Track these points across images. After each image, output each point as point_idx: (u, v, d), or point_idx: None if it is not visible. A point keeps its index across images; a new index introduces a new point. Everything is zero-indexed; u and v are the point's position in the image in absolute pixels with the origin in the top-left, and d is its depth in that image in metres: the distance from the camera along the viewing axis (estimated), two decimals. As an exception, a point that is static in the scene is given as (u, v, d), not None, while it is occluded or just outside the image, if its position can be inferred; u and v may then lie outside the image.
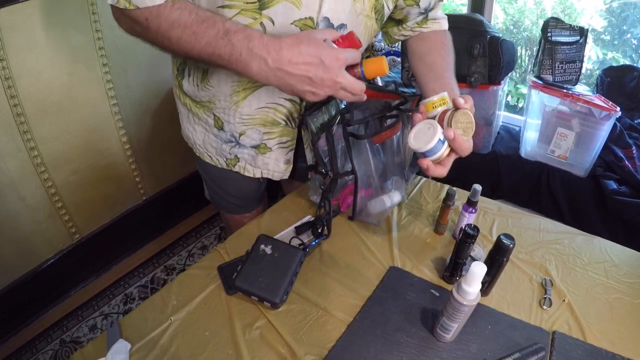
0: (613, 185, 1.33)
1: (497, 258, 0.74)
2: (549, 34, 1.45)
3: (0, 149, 1.29)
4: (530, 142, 1.49)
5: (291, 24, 0.70)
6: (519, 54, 2.13)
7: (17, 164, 1.35)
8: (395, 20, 0.91)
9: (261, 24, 0.69)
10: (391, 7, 0.82)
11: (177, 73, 0.90)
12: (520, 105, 2.07)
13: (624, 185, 1.33)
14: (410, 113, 0.93)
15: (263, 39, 0.60)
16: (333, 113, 0.93)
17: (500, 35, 1.38)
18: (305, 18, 0.70)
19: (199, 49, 0.62)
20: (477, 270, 0.63)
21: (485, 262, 0.77)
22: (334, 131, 0.81)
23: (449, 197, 0.86)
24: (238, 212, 1.09)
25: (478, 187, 0.83)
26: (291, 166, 0.94)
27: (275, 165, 0.93)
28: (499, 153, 1.51)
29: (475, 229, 0.74)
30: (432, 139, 0.64)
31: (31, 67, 1.29)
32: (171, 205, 1.83)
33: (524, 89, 2.04)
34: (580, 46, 1.46)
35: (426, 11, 0.87)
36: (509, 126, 1.72)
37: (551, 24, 1.46)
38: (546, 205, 1.47)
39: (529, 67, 2.10)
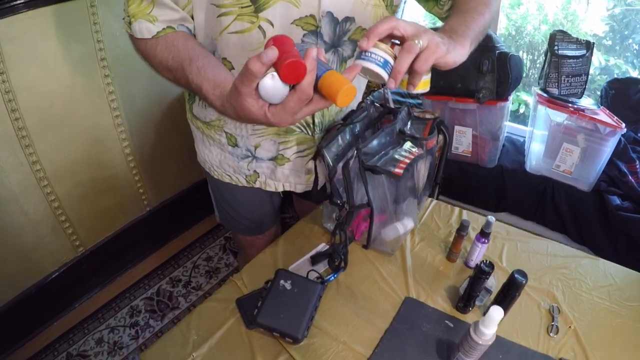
0: (617, 200, 1.35)
1: (509, 293, 0.77)
2: (556, 47, 1.45)
3: (2, 163, 1.27)
4: (535, 156, 1.50)
5: (292, 24, 0.68)
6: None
7: (19, 178, 1.33)
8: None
9: (259, 27, 0.68)
10: None
11: (189, 97, 0.90)
12: (521, 110, 2.08)
13: (627, 201, 1.36)
14: (425, 141, 0.94)
15: (209, 86, 0.62)
16: (348, 137, 0.93)
17: (509, 51, 1.38)
18: (306, 16, 0.68)
19: (183, 86, 0.68)
20: (495, 315, 0.65)
21: (498, 294, 0.80)
22: (350, 166, 0.81)
23: (463, 227, 0.87)
24: (251, 233, 1.09)
25: (492, 219, 0.85)
26: (313, 176, 0.93)
27: (296, 176, 0.93)
28: (505, 167, 1.52)
29: (490, 265, 0.76)
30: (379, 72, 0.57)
31: (32, 79, 1.26)
32: (175, 216, 1.82)
33: (524, 96, 2.05)
34: (586, 59, 1.46)
35: None
36: (513, 137, 1.73)
37: (558, 37, 1.46)
38: (551, 219, 1.50)
39: (531, 72, 2.11)
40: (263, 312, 0.75)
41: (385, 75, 0.57)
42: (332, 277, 0.83)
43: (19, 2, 1.15)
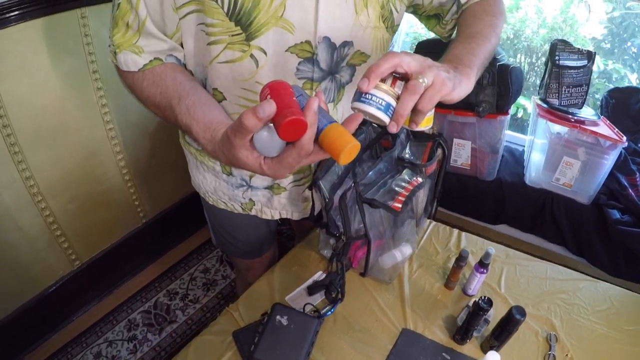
0: (616, 214, 1.34)
1: (507, 328, 0.76)
2: (557, 58, 1.42)
3: (-5, 180, 1.25)
4: (535, 168, 1.49)
5: (286, 51, 0.65)
6: (518, 61, 2.11)
7: (12, 194, 1.31)
8: (435, 17, 0.81)
9: (251, 56, 0.65)
10: (401, 8, 0.73)
11: None
12: (519, 115, 2.06)
13: (627, 214, 1.35)
14: (424, 168, 0.92)
15: (199, 128, 0.58)
16: (342, 168, 0.91)
17: (509, 62, 1.35)
18: (302, 43, 0.65)
19: (172, 124, 0.64)
20: (492, 360, 0.65)
21: (496, 328, 0.79)
22: (348, 198, 0.79)
23: (461, 258, 0.87)
24: (248, 257, 1.08)
25: (491, 250, 0.84)
26: (310, 203, 0.91)
27: (293, 205, 0.91)
28: (504, 180, 1.51)
29: (489, 302, 0.75)
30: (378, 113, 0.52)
31: (23, 94, 1.23)
32: (172, 227, 1.80)
33: (522, 100, 2.02)
34: (587, 70, 1.44)
35: None
36: (512, 147, 1.71)
37: (559, 47, 1.43)
38: (549, 231, 1.49)
39: (529, 75, 2.08)
40: (260, 349, 0.74)
41: (386, 119, 0.52)
42: (330, 312, 0.82)
43: (10, 15, 1.12)
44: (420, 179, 0.88)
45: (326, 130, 0.47)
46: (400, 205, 0.79)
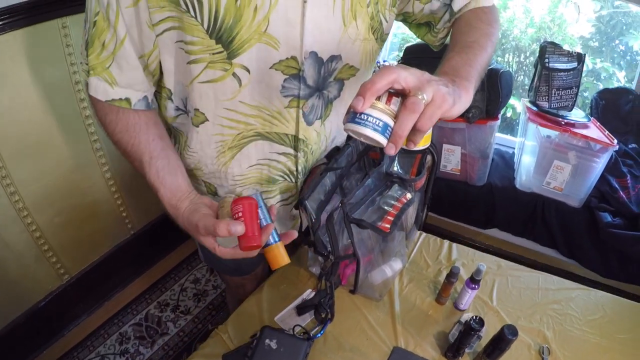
0: (607, 217, 1.34)
1: (499, 346, 0.76)
2: (547, 60, 1.41)
3: (-22, 197, 1.22)
4: (525, 171, 1.48)
5: (270, 68, 0.63)
6: (506, 60, 2.10)
7: (-3, 210, 1.28)
8: (425, 26, 0.78)
9: (234, 74, 0.62)
10: (390, 18, 0.71)
11: None
12: (508, 114, 2.05)
13: (618, 217, 1.35)
14: (413, 183, 0.91)
15: (165, 193, 0.67)
16: (329, 184, 0.89)
17: (499, 67, 1.34)
18: (287, 59, 0.63)
19: (137, 171, 0.69)
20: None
21: (487, 346, 0.79)
22: (335, 218, 0.78)
23: (452, 274, 0.86)
24: (237, 274, 1.06)
25: (482, 266, 0.83)
26: (299, 221, 0.90)
27: (281, 224, 0.90)
28: (494, 185, 1.50)
29: (480, 322, 0.74)
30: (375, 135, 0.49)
31: (4, 107, 1.20)
32: (160, 237, 1.78)
33: (511, 100, 2.01)
34: (577, 72, 1.43)
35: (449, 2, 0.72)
36: (502, 149, 1.70)
37: (549, 50, 1.42)
38: (541, 235, 1.49)
39: (517, 74, 2.07)
40: (248, 375, 0.73)
41: (384, 140, 0.48)
42: (319, 334, 0.81)
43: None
44: (409, 195, 0.87)
45: (270, 247, 0.66)
46: (389, 226, 0.77)
